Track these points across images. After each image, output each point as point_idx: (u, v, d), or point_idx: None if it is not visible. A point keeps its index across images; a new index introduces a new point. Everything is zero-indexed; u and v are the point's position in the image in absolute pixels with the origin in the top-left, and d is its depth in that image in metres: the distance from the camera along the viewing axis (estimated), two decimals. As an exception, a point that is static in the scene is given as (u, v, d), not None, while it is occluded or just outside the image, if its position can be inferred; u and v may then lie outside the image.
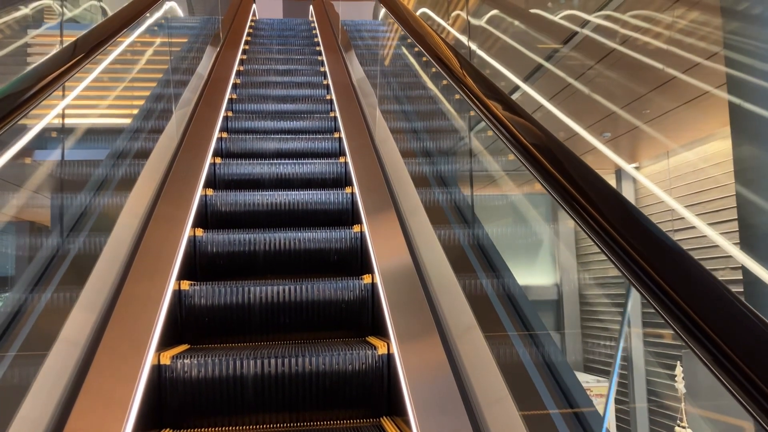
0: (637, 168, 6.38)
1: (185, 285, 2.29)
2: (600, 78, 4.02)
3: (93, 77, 2.73)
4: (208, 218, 2.98)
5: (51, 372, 1.54)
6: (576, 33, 3.62)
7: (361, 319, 2.40)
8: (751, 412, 0.62)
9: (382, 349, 2.01)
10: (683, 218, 5.77)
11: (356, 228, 2.74)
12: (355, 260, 2.74)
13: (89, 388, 1.55)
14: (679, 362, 4.50)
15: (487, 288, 2.12)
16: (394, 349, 1.90)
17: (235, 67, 5.04)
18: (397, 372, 1.85)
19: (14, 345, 1.69)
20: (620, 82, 3.98)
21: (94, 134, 3.03)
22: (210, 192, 2.98)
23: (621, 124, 4.84)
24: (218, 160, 3.35)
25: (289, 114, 4.32)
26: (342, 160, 3.48)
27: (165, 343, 2.02)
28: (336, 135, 3.88)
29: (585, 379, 6.12)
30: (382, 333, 2.19)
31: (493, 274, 2.21)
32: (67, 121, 2.58)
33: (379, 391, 2.01)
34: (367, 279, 2.40)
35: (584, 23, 3.61)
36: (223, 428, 1.92)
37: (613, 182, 6.15)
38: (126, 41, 3.03)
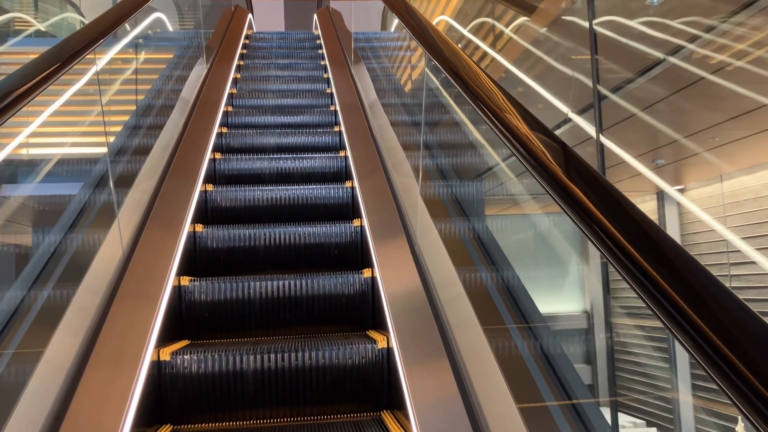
0: (681, 191, 5.59)
1: (185, 281, 2.29)
2: (669, 108, 3.49)
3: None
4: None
5: (49, 367, 1.54)
6: (660, 62, 2.97)
7: (362, 313, 2.39)
8: None
9: (381, 343, 2.00)
10: (740, 251, 5.11)
11: (356, 222, 2.74)
12: (356, 254, 2.73)
13: (87, 384, 1.55)
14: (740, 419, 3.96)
15: (487, 282, 2.12)
16: (394, 343, 1.90)
17: (220, 115, 3.74)
18: (396, 366, 1.85)
19: (13, 341, 1.69)
20: (695, 110, 3.48)
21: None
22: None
23: (680, 151, 4.31)
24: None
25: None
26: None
27: (165, 339, 2.02)
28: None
29: (620, 421, 5.49)
30: (382, 327, 2.19)
31: (492, 267, 2.21)
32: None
33: (379, 385, 2.00)
34: (367, 273, 2.40)
35: (675, 50, 2.95)
36: (224, 423, 1.93)
37: (651, 205, 5.54)
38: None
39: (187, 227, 2.49)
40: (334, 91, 4.31)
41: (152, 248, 2.22)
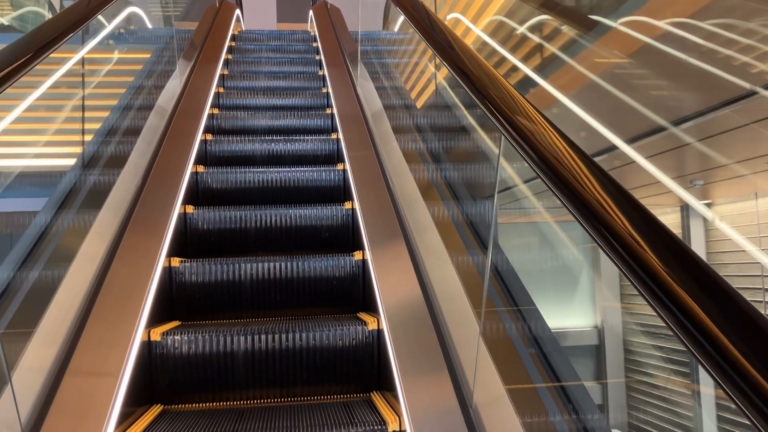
0: (709, 205, 5.07)
1: (176, 262, 2.29)
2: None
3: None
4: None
5: (39, 348, 1.54)
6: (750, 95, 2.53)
7: (352, 295, 2.40)
8: None
9: (372, 325, 2.01)
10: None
11: (347, 205, 2.74)
12: (347, 237, 2.74)
13: (76, 364, 1.55)
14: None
15: (477, 264, 2.13)
16: (384, 325, 1.91)
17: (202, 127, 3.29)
18: (387, 348, 1.86)
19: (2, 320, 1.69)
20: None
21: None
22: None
23: (724, 173, 3.91)
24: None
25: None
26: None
27: (156, 320, 2.02)
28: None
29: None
30: (372, 309, 2.20)
31: (483, 249, 2.21)
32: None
33: (369, 366, 2.02)
34: (358, 256, 2.41)
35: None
36: (214, 404, 1.94)
37: (674, 218, 5.15)
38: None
39: (177, 208, 2.48)
40: (335, 110, 3.59)
41: (142, 229, 2.21)
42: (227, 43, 5.00)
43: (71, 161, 2.53)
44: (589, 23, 3.24)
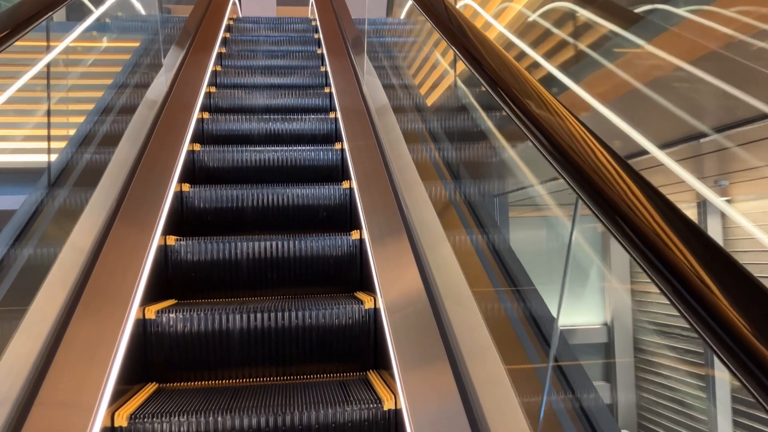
0: (728, 202, 4.88)
1: (171, 240, 2.27)
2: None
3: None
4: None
5: (32, 323, 1.52)
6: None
7: (350, 274, 2.38)
8: None
9: (369, 304, 2.00)
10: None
11: (345, 184, 2.71)
12: (344, 217, 2.71)
13: (70, 341, 1.54)
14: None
15: (476, 243, 2.11)
16: (381, 304, 1.89)
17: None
18: (383, 327, 1.85)
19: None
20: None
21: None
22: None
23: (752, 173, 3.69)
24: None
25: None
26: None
27: (151, 298, 2.01)
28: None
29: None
30: (369, 288, 2.19)
31: (480, 229, 2.19)
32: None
33: (365, 345, 2.01)
34: (355, 235, 2.38)
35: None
36: (209, 382, 1.93)
37: (690, 215, 5.16)
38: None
39: (173, 186, 2.45)
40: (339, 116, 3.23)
41: (137, 206, 2.18)
42: (221, 35, 4.63)
43: (70, 131, 2.51)
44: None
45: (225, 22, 4.96)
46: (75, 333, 1.57)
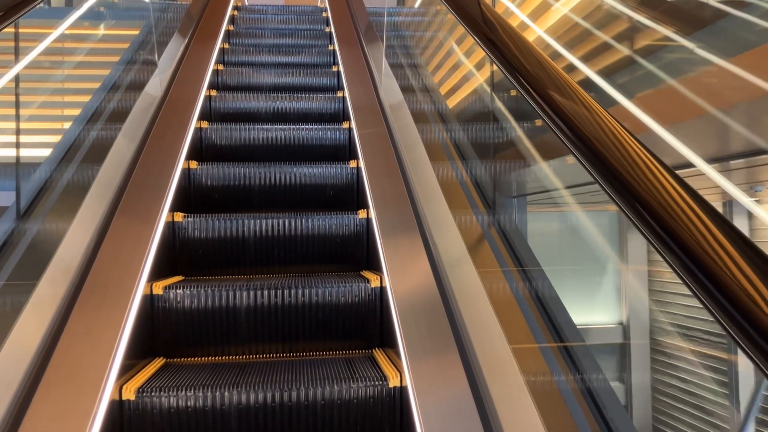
0: (757, 202, 4.54)
1: (179, 217, 2.27)
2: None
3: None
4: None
5: (41, 297, 1.54)
6: None
7: (356, 253, 2.39)
8: None
9: (375, 282, 2.00)
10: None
11: (352, 163, 2.70)
12: (351, 196, 2.71)
13: (78, 316, 1.55)
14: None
15: (482, 223, 2.10)
16: (387, 283, 1.90)
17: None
18: (389, 305, 1.85)
19: (4, 273, 1.68)
20: None
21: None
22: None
23: None
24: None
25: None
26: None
27: (158, 275, 2.02)
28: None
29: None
30: (376, 267, 2.19)
31: (487, 208, 2.18)
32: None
33: (371, 323, 2.01)
34: (362, 214, 2.38)
35: None
36: (217, 358, 1.94)
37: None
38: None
39: (181, 164, 2.45)
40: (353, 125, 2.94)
41: (144, 183, 2.19)
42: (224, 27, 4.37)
43: (76, 111, 2.51)
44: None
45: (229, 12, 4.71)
46: (83, 308, 1.59)
